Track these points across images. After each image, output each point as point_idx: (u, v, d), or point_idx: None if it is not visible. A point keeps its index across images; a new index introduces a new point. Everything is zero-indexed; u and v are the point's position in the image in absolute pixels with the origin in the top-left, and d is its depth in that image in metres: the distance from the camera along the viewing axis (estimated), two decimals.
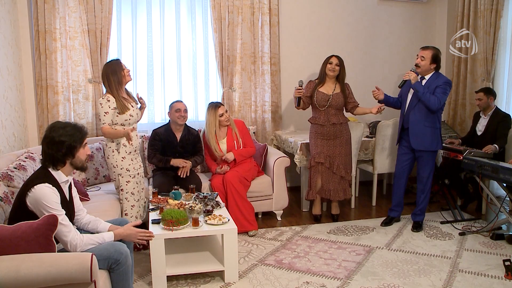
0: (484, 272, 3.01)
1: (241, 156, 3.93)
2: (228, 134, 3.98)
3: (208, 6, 4.53)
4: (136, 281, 2.89)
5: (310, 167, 3.97)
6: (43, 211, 2.05)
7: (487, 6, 4.51)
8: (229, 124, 3.99)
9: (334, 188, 3.95)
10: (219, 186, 3.73)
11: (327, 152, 3.89)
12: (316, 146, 3.91)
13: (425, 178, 3.70)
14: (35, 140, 4.15)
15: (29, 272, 1.80)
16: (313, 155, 3.93)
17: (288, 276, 2.97)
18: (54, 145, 2.15)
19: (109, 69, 3.19)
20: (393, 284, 2.87)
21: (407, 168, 3.83)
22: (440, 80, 3.56)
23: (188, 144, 3.91)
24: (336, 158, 3.91)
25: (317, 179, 3.95)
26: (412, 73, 3.52)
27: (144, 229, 2.41)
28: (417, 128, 3.60)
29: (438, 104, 3.48)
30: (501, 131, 3.98)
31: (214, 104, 3.95)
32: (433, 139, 3.62)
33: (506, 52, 4.54)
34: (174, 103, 3.89)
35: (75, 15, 4.13)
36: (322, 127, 3.87)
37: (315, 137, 3.93)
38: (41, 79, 4.08)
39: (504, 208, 3.64)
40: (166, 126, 3.91)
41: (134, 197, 3.31)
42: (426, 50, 3.59)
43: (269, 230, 3.84)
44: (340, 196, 3.98)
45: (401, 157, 3.83)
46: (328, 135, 3.88)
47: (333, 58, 3.87)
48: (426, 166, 3.68)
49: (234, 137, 3.96)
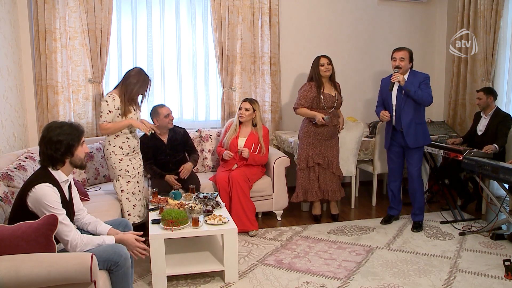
0: (484, 272, 3.01)
1: (254, 160, 3.91)
2: (250, 135, 3.96)
3: (208, 6, 4.53)
4: (136, 281, 2.89)
5: (304, 168, 3.90)
6: (44, 210, 2.05)
7: (487, 6, 4.50)
8: (247, 122, 3.96)
9: (332, 189, 3.96)
10: (224, 183, 3.73)
11: (325, 152, 3.89)
12: (314, 147, 3.88)
13: (416, 174, 3.75)
14: (35, 140, 4.15)
15: (29, 272, 1.80)
16: (309, 155, 3.88)
17: (288, 276, 2.97)
18: (53, 144, 2.15)
19: (142, 77, 3.18)
20: (393, 284, 2.87)
21: (401, 167, 3.89)
22: (419, 76, 3.64)
23: (177, 144, 3.86)
24: (334, 158, 3.92)
25: (313, 179, 3.93)
26: (400, 75, 3.54)
27: (143, 245, 2.38)
28: (411, 128, 3.65)
29: (431, 98, 3.60)
30: (501, 131, 3.98)
31: (246, 98, 4.04)
32: (425, 135, 3.73)
33: (506, 52, 4.54)
34: (161, 109, 3.75)
35: (75, 15, 4.13)
36: (325, 128, 3.85)
37: (313, 137, 3.88)
38: (41, 79, 4.08)
39: (504, 208, 3.64)
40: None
41: (135, 196, 3.32)
42: (402, 51, 3.63)
43: (269, 230, 3.84)
44: (338, 196, 4.00)
45: (393, 157, 3.85)
46: (327, 135, 3.88)
47: (322, 58, 3.84)
48: (416, 163, 3.74)
49: (255, 142, 3.94)
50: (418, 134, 3.68)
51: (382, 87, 3.86)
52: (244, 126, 4.00)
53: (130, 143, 3.27)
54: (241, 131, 3.99)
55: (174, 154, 3.84)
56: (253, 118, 3.97)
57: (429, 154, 4.36)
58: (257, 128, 3.98)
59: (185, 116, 4.66)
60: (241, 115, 3.93)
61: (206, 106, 4.72)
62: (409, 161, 3.76)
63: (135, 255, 2.34)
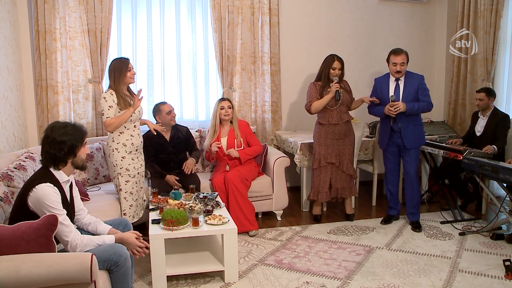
0: (484, 272, 3.01)
1: (246, 155, 3.94)
2: (229, 133, 3.99)
3: (208, 6, 4.54)
4: (136, 281, 2.89)
5: (317, 167, 3.92)
6: (45, 210, 2.05)
7: (487, 6, 4.51)
8: (230, 120, 3.99)
9: (342, 187, 3.97)
10: (220, 185, 3.73)
11: (337, 151, 3.89)
12: (327, 146, 3.88)
13: (413, 174, 3.77)
14: (35, 140, 4.15)
15: (29, 272, 1.80)
16: (322, 155, 3.89)
17: (288, 276, 2.97)
18: (56, 144, 2.16)
19: (116, 65, 3.21)
20: (393, 284, 2.87)
21: (398, 166, 3.91)
22: (416, 78, 3.69)
23: (180, 142, 3.88)
24: (345, 157, 3.92)
25: (324, 179, 3.94)
26: (400, 104, 3.57)
27: (144, 243, 2.39)
28: (409, 129, 3.69)
29: (431, 105, 3.69)
30: (500, 132, 3.97)
31: (221, 98, 4.07)
32: (421, 136, 3.80)
33: (506, 52, 4.54)
34: (163, 106, 3.79)
35: (75, 15, 4.14)
36: (336, 126, 3.84)
37: (325, 137, 3.88)
38: (41, 79, 4.08)
39: (504, 208, 3.64)
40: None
41: (132, 196, 3.31)
42: (401, 54, 3.63)
43: (269, 230, 3.84)
44: (346, 194, 4.00)
45: (390, 157, 3.87)
46: (340, 133, 3.87)
47: (336, 63, 3.76)
48: (413, 162, 3.77)
49: (236, 137, 3.97)
50: (416, 135, 3.71)
51: (375, 87, 3.87)
52: (223, 126, 4.02)
53: (134, 141, 3.26)
54: (222, 131, 4.01)
55: (176, 153, 3.85)
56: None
57: (429, 154, 4.36)
58: (234, 124, 4.01)
59: (185, 116, 4.66)
60: (226, 114, 3.94)
61: (206, 106, 4.72)
62: (406, 160, 3.78)
63: (135, 254, 2.34)
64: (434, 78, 5.48)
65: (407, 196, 3.86)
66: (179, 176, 3.76)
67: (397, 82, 3.71)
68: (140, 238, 2.36)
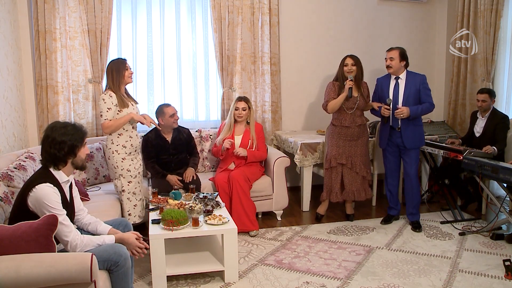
0: (484, 272, 3.01)
1: (254, 157, 3.95)
2: (245, 133, 3.99)
3: (208, 6, 4.53)
4: (136, 281, 2.89)
5: (328, 167, 3.95)
6: (44, 211, 2.05)
7: (487, 6, 4.50)
8: (243, 121, 4.00)
9: (357, 189, 3.96)
10: (223, 184, 3.73)
11: (348, 152, 3.89)
12: (338, 147, 3.89)
13: (413, 174, 3.78)
14: (35, 140, 4.15)
15: (29, 272, 1.80)
16: (333, 156, 3.90)
17: (288, 276, 2.97)
18: (57, 144, 2.16)
19: (114, 66, 3.23)
20: (393, 284, 2.87)
21: (398, 167, 3.92)
22: (417, 77, 3.70)
23: (181, 144, 3.88)
24: (357, 158, 3.91)
25: (336, 179, 3.94)
26: (403, 110, 3.59)
27: (143, 244, 2.39)
28: (409, 129, 3.70)
29: (433, 106, 3.71)
30: (499, 134, 3.96)
31: (239, 97, 4.03)
32: (421, 136, 3.80)
33: (506, 52, 4.54)
34: (166, 108, 3.78)
35: (75, 15, 4.14)
36: (347, 129, 3.84)
37: (337, 138, 3.89)
38: (41, 79, 4.08)
39: (504, 208, 3.64)
40: (155, 130, 3.81)
41: (136, 196, 3.32)
42: (392, 51, 3.70)
43: (269, 230, 3.84)
44: (362, 196, 4.00)
45: (390, 157, 3.88)
46: (352, 136, 3.87)
47: (348, 59, 3.79)
48: (414, 163, 3.77)
49: (251, 138, 3.98)
50: (416, 135, 3.72)
51: (377, 86, 3.89)
52: (238, 125, 4.02)
53: (133, 142, 3.28)
54: (236, 129, 4.01)
55: (177, 154, 3.85)
56: (247, 116, 4.02)
57: (429, 154, 4.36)
58: (251, 125, 4.01)
59: (185, 116, 4.66)
60: (239, 115, 3.94)
61: (206, 106, 4.72)
62: (406, 161, 3.78)
63: (134, 255, 2.34)
64: (434, 78, 5.48)
65: (407, 196, 3.87)
66: (181, 176, 3.76)
67: (397, 81, 3.71)
68: (140, 239, 2.37)
